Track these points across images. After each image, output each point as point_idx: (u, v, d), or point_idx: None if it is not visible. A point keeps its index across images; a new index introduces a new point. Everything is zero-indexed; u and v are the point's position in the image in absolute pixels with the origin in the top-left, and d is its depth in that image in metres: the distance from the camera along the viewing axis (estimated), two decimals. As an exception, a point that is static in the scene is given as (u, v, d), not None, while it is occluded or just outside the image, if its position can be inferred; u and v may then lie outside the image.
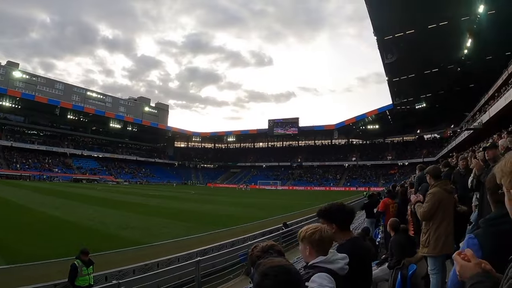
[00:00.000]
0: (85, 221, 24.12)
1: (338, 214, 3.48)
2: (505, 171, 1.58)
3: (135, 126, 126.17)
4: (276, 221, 26.12)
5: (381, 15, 42.07)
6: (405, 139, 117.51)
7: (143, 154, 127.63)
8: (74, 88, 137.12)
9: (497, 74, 45.86)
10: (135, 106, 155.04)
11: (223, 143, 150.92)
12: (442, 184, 6.06)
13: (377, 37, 46.93)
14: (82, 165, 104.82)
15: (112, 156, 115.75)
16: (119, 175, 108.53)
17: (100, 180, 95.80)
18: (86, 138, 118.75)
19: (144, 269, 11.65)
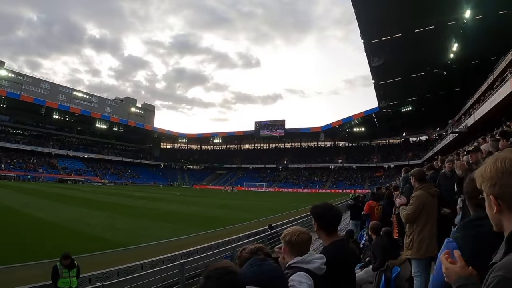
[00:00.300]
0: (69, 222, 23.91)
1: (325, 215, 3.51)
2: (485, 177, 1.59)
3: (121, 126, 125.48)
4: (261, 223, 26.15)
5: (368, 18, 42.28)
6: (391, 142, 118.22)
7: (129, 155, 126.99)
8: (60, 88, 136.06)
9: (483, 78, 46.24)
10: (122, 106, 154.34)
11: (210, 144, 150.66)
12: (426, 187, 6.10)
13: (364, 40, 47.15)
14: (68, 165, 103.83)
15: (97, 156, 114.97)
16: (105, 176, 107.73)
17: (85, 181, 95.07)
18: (72, 138, 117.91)
19: (128, 271, 11.58)
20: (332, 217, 3.52)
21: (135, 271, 11.62)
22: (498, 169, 1.53)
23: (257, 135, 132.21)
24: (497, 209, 1.56)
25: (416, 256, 5.89)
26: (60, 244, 15.90)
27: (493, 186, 1.54)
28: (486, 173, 1.58)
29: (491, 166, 1.56)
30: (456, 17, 41.86)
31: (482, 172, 1.62)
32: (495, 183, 1.53)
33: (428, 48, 48.70)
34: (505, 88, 31.65)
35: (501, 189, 1.52)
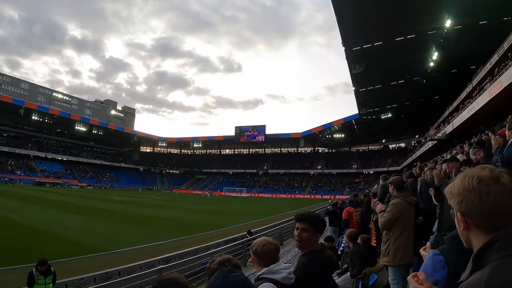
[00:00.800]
0: (47, 226, 23.57)
1: (323, 227, 3.65)
2: (453, 193, 1.61)
3: (101, 129, 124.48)
4: (240, 228, 26.12)
5: (350, 26, 42.64)
6: (371, 148, 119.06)
7: (108, 158, 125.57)
8: (39, 89, 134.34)
9: (462, 87, 46.79)
10: (102, 109, 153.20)
11: (189, 149, 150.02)
12: (404, 195, 6.14)
13: (345, 47, 47.52)
14: (46, 168, 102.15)
15: (76, 159, 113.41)
16: (83, 179, 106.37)
17: (63, 184, 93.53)
18: (51, 140, 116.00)
19: (105, 277, 11.47)
20: (322, 222, 3.63)
21: (112, 277, 11.52)
22: (465, 187, 1.54)
23: (237, 140, 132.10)
24: (464, 226, 1.59)
25: (392, 263, 5.93)
26: (37, 248, 15.74)
27: (460, 203, 1.56)
28: (454, 190, 1.60)
29: (459, 183, 1.58)
30: (437, 27, 42.45)
31: (451, 189, 1.63)
32: (462, 201, 1.55)
33: (408, 56, 49.26)
34: (483, 97, 32.07)
35: (467, 207, 1.53)
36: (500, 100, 29.05)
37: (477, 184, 1.51)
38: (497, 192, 1.48)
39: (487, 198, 1.48)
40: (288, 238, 22.76)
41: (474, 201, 1.51)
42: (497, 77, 29.18)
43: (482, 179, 1.51)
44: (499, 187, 1.49)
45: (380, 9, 38.54)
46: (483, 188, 1.49)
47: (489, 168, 1.56)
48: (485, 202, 1.48)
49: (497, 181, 1.50)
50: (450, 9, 38.83)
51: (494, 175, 1.52)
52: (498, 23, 38.12)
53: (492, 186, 1.49)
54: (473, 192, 1.51)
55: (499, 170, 1.56)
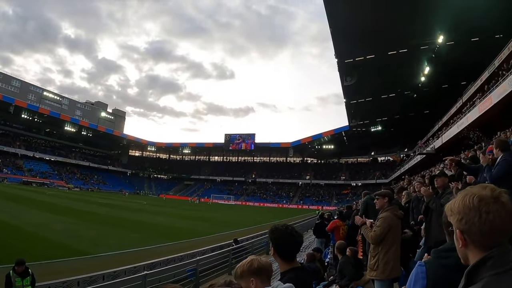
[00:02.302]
0: (31, 227, 23.40)
1: (283, 241, 3.22)
2: (454, 211, 1.61)
3: (90, 131, 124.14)
4: (227, 236, 26.00)
5: (343, 38, 42.79)
6: (359, 160, 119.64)
7: (96, 161, 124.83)
8: (31, 87, 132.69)
9: (452, 102, 47.15)
10: (92, 110, 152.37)
11: (178, 154, 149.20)
12: (392, 209, 6.13)
13: (338, 59, 47.69)
14: (33, 167, 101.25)
15: (64, 160, 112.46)
16: (71, 180, 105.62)
17: (50, 185, 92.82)
18: (39, 140, 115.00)
19: (89, 281, 11.38)
20: (291, 244, 3.26)
21: (96, 281, 11.42)
22: (466, 205, 1.55)
23: (227, 148, 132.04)
24: (463, 243, 1.59)
25: (381, 277, 5.89)
26: (20, 249, 15.60)
27: (460, 221, 1.57)
28: (455, 207, 1.60)
29: (460, 201, 1.59)
30: (429, 42, 42.76)
31: (451, 206, 1.64)
32: (461, 218, 1.56)
33: (400, 70, 49.61)
34: (473, 113, 32.35)
35: (467, 224, 1.54)
36: (489, 116, 29.30)
37: (478, 203, 1.53)
38: (496, 211, 1.50)
39: (487, 217, 1.49)
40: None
41: (473, 220, 1.52)
42: (487, 94, 29.42)
43: (483, 198, 1.53)
44: (499, 207, 1.51)
45: (374, 22, 38.72)
46: (483, 207, 1.51)
47: (490, 188, 1.58)
48: (485, 221, 1.50)
49: (497, 201, 1.52)
50: (443, 25, 39.14)
51: (494, 194, 1.54)
52: (489, 41, 38.49)
53: (492, 206, 1.51)
54: (473, 210, 1.53)
55: (500, 190, 1.57)
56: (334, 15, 39.52)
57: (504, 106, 26.52)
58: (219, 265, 15.64)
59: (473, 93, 39.11)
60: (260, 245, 20.96)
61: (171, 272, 12.49)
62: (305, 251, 17.06)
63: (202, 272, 13.66)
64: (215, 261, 15.69)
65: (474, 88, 39.78)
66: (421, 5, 35.91)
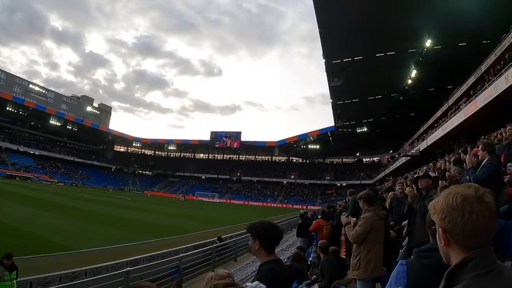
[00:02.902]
0: (14, 221, 23.21)
1: (267, 233, 3.36)
2: (437, 209, 1.62)
3: (76, 125, 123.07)
4: (211, 234, 26.08)
5: (332, 39, 42.89)
6: (344, 161, 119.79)
7: (81, 155, 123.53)
8: (16, 79, 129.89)
9: (438, 105, 47.44)
10: (78, 104, 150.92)
11: (164, 151, 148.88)
12: (375, 209, 6.15)
13: (325, 60, 47.78)
14: (17, 161, 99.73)
15: (49, 154, 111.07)
16: (55, 175, 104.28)
17: (34, 179, 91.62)
18: (24, 133, 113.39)
19: (71, 277, 11.31)
20: (275, 237, 3.42)
21: (78, 277, 11.38)
22: (449, 204, 1.55)
23: (212, 145, 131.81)
24: (445, 242, 1.59)
25: (363, 277, 5.89)
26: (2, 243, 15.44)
27: (443, 220, 1.57)
28: (438, 205, 1.61)
29: (444, 199, 1.59)
30: (417, 45, 43.07)
31: (434, 204, 1.64)
32: (444, 217, 1.56)
33: (387, 72, 49.87)
34: (458, 117, 32.57)
35: (449, 224, 1.54)
36: (474, 120, 29.54)
37: (461, 202, 1.53)
38: (480, 211, 1.50)
39: (470, 217, 1.49)
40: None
41: (456, 219, 1.52)
42: (473, 98, 29.64)
43: (466, 197, 1.53)
44: (483, 207, 1.51)
45: (363, 24, 38.84)
46: (467, 207, 1.51)
47: (474, 187, 1.58)
48: (468, 220, 1.50)
49: (481, 201, 1.52)
50: (431, 29, 39.46)
51: (478, 194, 1.54)
52: (477, 46, 38.80)
53: (475, 206, 1.51)
54: (456, 210, 1.53)
55: (484, 190, 1.57)
56: (323, 16, 39.60)
57: (489, 110, 26.74)
58: (202, 263, 15.62)
59: (459, 97, 39.36)
60: (243, 243, 20.92)
61: (154, 268, 12.46)
62: (289, 250, 17.13)
63: (186, 269, 13.60)
64: (199, 258, 15.67)
65: (460, 92, 40.04)
66: (410, 9, 36.12)
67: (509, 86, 22.26)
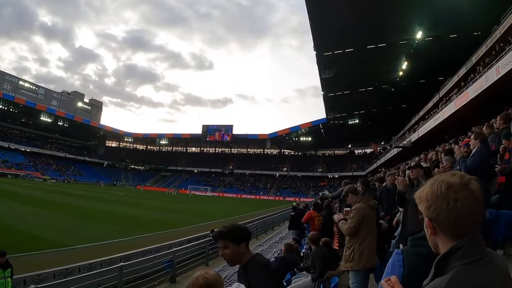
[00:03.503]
0: (5, 219, 23.13)
1: (245, 233, 3.38)
2: (422, 198, 1.62)
3: (67, 121, 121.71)
4: (204, 227, 26.03)
5: (322, 31, 42.83)
6: (336, 153, 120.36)
7: (72, 152, 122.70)
8: (6, 76, 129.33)
9: (429, 97, 47.58)
10: (69, 100, 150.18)
11: (155, 145, 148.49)
12: (365, 200, 6.17)
13: (316, 52, 47.69)
14: (8, 158, 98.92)
15: (40, 151, 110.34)
16: (47, 171, 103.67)
17: (26, 176, 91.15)
18: (14, 130, 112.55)
19: (65, 273, 11.31)
20: (249, 235, 3.46)
21: (71, 273, 11.37)
22: (434, 192, 1.55)
23: (204, 139, 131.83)
24: (432, 231, 1.60)
25: (357, 268, 5.86)
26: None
27: (428, 209, 1.57)
28: (423, 195, 1.61)
29: (428, 188, 1.59)
30: (408, 37, 43.09)
31: (420, 194, 1.64)
32: (429, 206, 1.56)
33: (378, 64, 49.91)
34: (449, 108, 32.67)
35: (435, 212, 1.54)
36: (465, 111, 29.64)
37: (446, 190, 1.52)
38: (465, 199, 1.49)
39: (455, 204, 1.49)
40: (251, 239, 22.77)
41: (441, 207, 1.52)
42: (464, 89, 29.72)
43: (451, 185, 1.53)
44: (467, 194, 1.51)
45: (354, 16, 38.82)
46: (451, 194, 1.51)
47: (459, 175, 1.58)
48: (452, 208, 1.50)
49: (466, 188, 1.52)
50: (422, 21, 39.47)
51: (463, 181, 1.54)
52: (468, 37, 38.85)
53: (460, 193, 1.50)
54: (441, 198, 1.52)
55: (469, 177, 1.57)
56: (314, 7, 39.51)
57: (480, 102, 26.83)
58: (196, 256, 15.63)
59: (450, 89, 39.46)
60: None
61: (148, 263, 12.45)
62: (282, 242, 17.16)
63: (179, 263, 13.59)
64: (192, 252, 15.68)
65: (451, 83, 40.16)
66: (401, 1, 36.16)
67: (499, 77, 22.36)
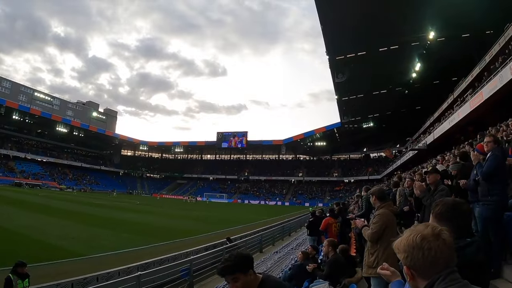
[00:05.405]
0: (23, 229, 23.22)
1: (250, 259, 3.20)
2: (400, 249, 1.86)
3: (82, 131, 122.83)
4: (220, 235, 26.04)
5: (334, 35, 42.65)
6: (352, 157, 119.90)
7: (88, 161, 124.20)
8: (21, 88, 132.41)
9: (443, 98, 47.29)
10: (83, 110, 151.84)
11: (171, 153, 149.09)
12: (388, 205, 6.10)
13: (329, 56, 47.55)
14: (25, 169, 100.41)
15: (56, 161, 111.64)
16: (63, 181, 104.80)
17: (43, 186, 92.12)
18: (31, 141, 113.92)
19: (83, 283, 11.33)
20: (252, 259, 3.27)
21: (89, 283, 11.37)
22: (410, 244, 1.79)
23: (219, 146, 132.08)
24: (411, 277, 1.83)
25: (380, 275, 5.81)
26: (12, 252, 15.50)
27: (406, 259, 1.81)
28: (400, 246, 1.86)
29: (405, 240, 1.83)
30: (420, 38, 42.79)
31: (397, 244, 1.89)
32: (407, 256, 1.80)
33: (391, 66, 49.64)
34: (464, 109, 32.37)
35: (412, 261, 1.78)
36: (480, 112, 29.37)
37: (420, 242, 1.76)
38: (438, 247, 1.73)
39: (429, 253, 1.73)
40: (267, 246, 22.76)
41: (417, 257, 1.75)
42: (478, 89, 29.47)
43: (425, 237, 1.77)
44: (440, 243, 1.74)
45: (365, 19, 38.70)
46: (425, 245, 1.74)
47: (432, 226, 1.81)
48: (427, 257, 1.73)
49: (438, 238, 1.74)
50: (433, 21, 39.22)
51: (435, 232, 1.76)
52: (480, 37, 38.60)
53: (433, 243, 1.74)
54: (416, 249, 1.77)
55: (440, 228, 1.80)
56: (325, 12, 39.42)
57: (495, 101, 26.58)
58: (213, 264, 15.61)
59: (464, 89, 39.22)
60: (252, 243, 20.94)
61: (165, 272, 12.44)
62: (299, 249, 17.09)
63: (196, 271, 13.61)
64: (209, 260, 15.66)
65: (465, 84, 39.89)
66: (412, 2, 35.98)
67: (514, 76, 22.13)
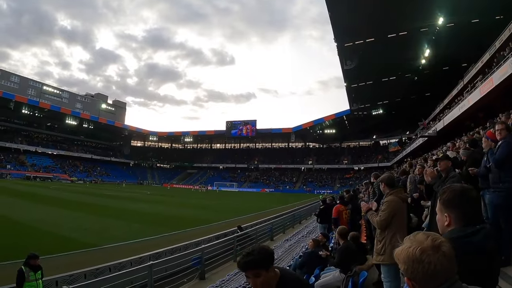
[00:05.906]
0: (36, 222, 23.36)
1: (273, 255, 3.03)
2: (400, 260, 1.84)
3: (91, 123, 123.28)
4: (231, 223, 26.11)
5: (342, 22, 42.50)
6: (361, 144, 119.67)
7: (98, 152, 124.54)
8: (30, 82, 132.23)
9: (453, 84, 46.95)
10: (92, 102, 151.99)
11: (180, 143, 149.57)
12: (397, 192, 6.05)
13: (337, 43, 47.35)
14: (36, 162, 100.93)
15: (66, 153, 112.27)
16: (74, 173, 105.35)
17: (54, 178, 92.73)
18: (41, 134, 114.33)
19: (96, 273, 11.43)
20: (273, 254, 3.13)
21: (102, 273, 11.47)
22: (409, 256, 1.77)
23: (228, 135, 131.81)
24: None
25: (389, 262, 5.71)
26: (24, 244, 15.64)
27: (406, 270, 1.79)
28: (401, 257, 1.83)
29: (405, 252, 1.81)
30: (429, 24, 42.45)
31: (397, 254, 1.87)
32: (407, 268, 1.78)
33: (400, 53, 49.33)
34: (474, 95, 32.12)
35: (412, 274, 1.76)
36: (491, 98, 29.16)
37: (420, 255, 1.74)
38: (438, 260, 1.71)
39: (429, 267, 1.71)
40: (278, 234, 22.80)
41: (417, 269, 1.74)
42: (488, 75, 29.24)
43: (424, 250, 1.74)
44: (440, 256, 1.72)
45: (373, 6, 38.50)
46: (425, 258, 1.72)
47: (432, 238, 1.79)
48: (427, 270, 1.71)
49: (438, 251, 1.73)
50: (442, 7, 38.86)
51: (435, 244, 1.75)
52: (490, 22, 38.18)
53: (433, 256, 1.72)
54: (416, 262, 1.74)
55: (440, 240, 1.78)
56: (332, -1, 39.30)
57: (505, 88, 26.37)
58: (224, 253, 15.68)
59: (474, 75, 38.89)
60: (263, 231, 20.99)
61: (177, 261, 12.51)
62: (309, 236, 17.11)
63: (208, 260, 13.70)
64: (220, 248, 15.74)
65: (475, 70, 39.55)
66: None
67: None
